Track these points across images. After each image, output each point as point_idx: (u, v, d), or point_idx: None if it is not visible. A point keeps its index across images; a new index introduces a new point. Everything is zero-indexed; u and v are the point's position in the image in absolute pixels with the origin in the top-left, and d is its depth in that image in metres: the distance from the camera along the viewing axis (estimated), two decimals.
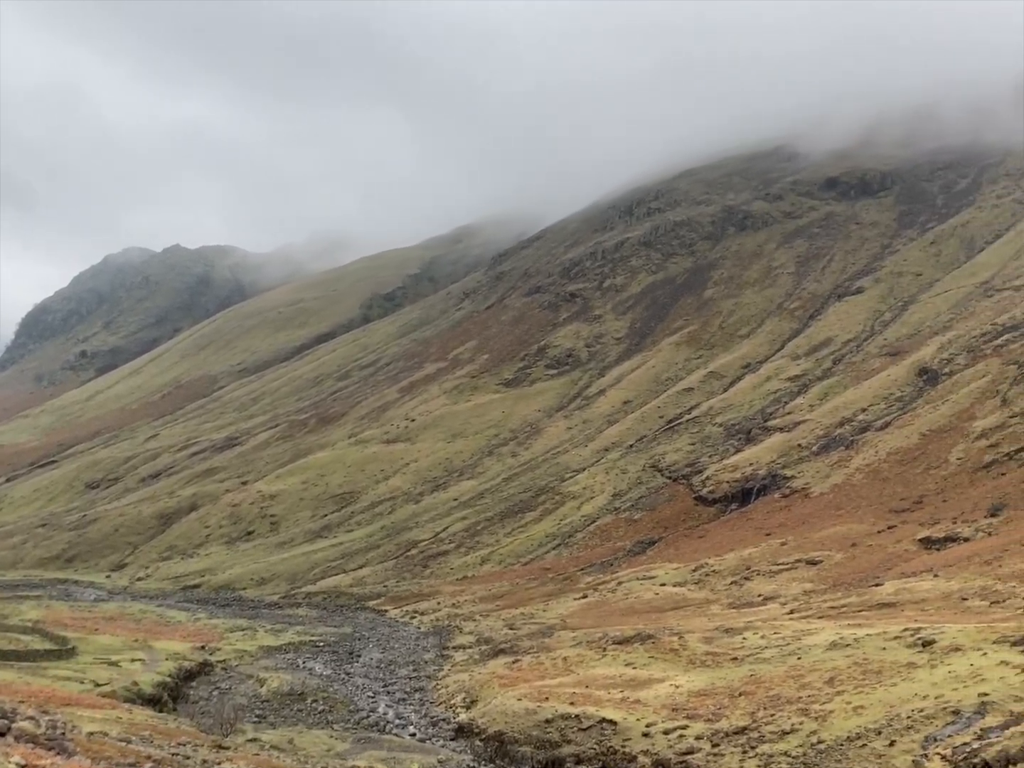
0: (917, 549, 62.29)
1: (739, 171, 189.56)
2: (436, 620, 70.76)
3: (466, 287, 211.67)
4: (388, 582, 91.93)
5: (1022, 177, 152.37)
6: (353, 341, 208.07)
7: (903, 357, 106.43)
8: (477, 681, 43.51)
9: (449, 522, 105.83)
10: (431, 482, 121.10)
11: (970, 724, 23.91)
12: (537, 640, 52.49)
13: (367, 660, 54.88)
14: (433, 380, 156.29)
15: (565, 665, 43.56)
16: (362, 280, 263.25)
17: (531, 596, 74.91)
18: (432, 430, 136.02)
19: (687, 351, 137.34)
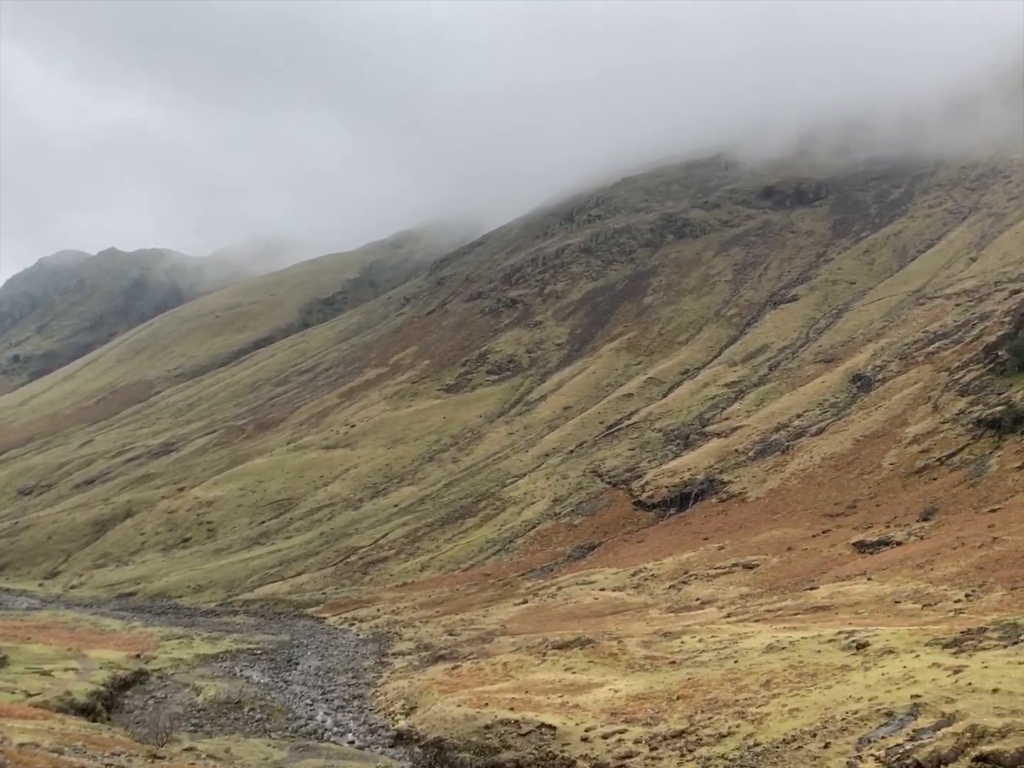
0: (851, 553, 63.25)
1: (678, 179, 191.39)
2: (375, 627, 70.40)
3: (407, 292, 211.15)
4: (327, 589, 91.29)
5: (953, 187, 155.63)
6: (292, 346, 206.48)
7: (837, 364, 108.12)
8: (416, 688, 43.37)
9: (389, 528, 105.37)
10: (371, 488, 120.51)
11: (903, 725, 24.33)
12: (477, 646, 52.45)
13: (305, 668, 54.44)
14: (373, 386, 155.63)
15: (505, 671, 43.59)
16: (302, 284, 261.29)
17: (471, 602, 74.83)
18: (372, 436, 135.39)
19: (627, 357, 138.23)
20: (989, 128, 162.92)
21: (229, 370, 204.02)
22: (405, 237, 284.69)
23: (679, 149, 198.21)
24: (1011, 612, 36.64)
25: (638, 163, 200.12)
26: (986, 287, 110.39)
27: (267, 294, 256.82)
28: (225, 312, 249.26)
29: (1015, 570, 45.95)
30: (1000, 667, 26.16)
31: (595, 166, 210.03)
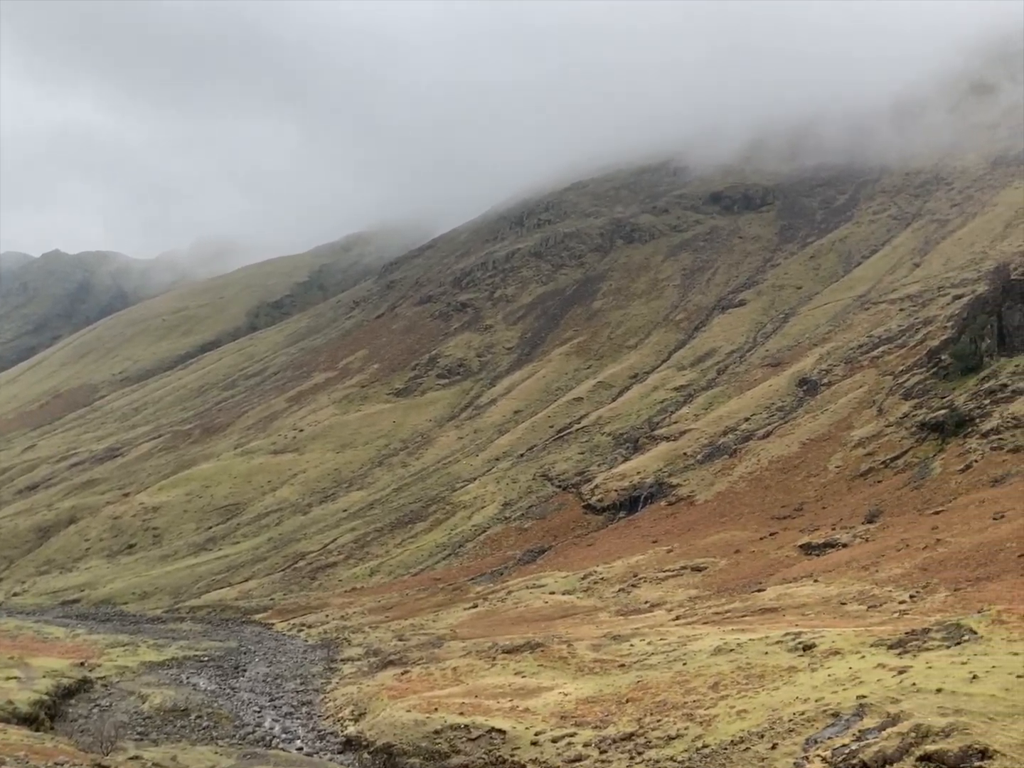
0: (798, 555, 63.87)
1: (627, 184, 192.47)
2: (324, 633, 69.91)
3: (356, 296, 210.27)
4: (275, 595, 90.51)
5: (897, 194, 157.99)
6: (239, 350, 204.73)
7: (784, 368, 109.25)
8: (365, 693, 43.10)
9: (338, 533, 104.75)
10: (320, 493, 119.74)
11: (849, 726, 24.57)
12: (427, 651, 52.26)
13: (253, 674, 53.90)
14: (322, 390, 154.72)
15: (455, 675, 43.46)
16: (249, 288, 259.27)
17: (421, 607, 74.57)
18: (321, 440, 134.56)
19: (577, 361, 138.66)
20: (933, 135, 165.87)
21: (175, 374, 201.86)
22: (355, 240, 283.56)
23: (629, 154, 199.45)
24: (954, 613, 37.19)
25: (588, 168, 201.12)
26: (929, 292, 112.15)
27: (214, 297, 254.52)
28: (171, 315, 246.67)
29: (958, 571, 46.67)
30: (944, 667, 26.53)
31: (545, 170, 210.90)
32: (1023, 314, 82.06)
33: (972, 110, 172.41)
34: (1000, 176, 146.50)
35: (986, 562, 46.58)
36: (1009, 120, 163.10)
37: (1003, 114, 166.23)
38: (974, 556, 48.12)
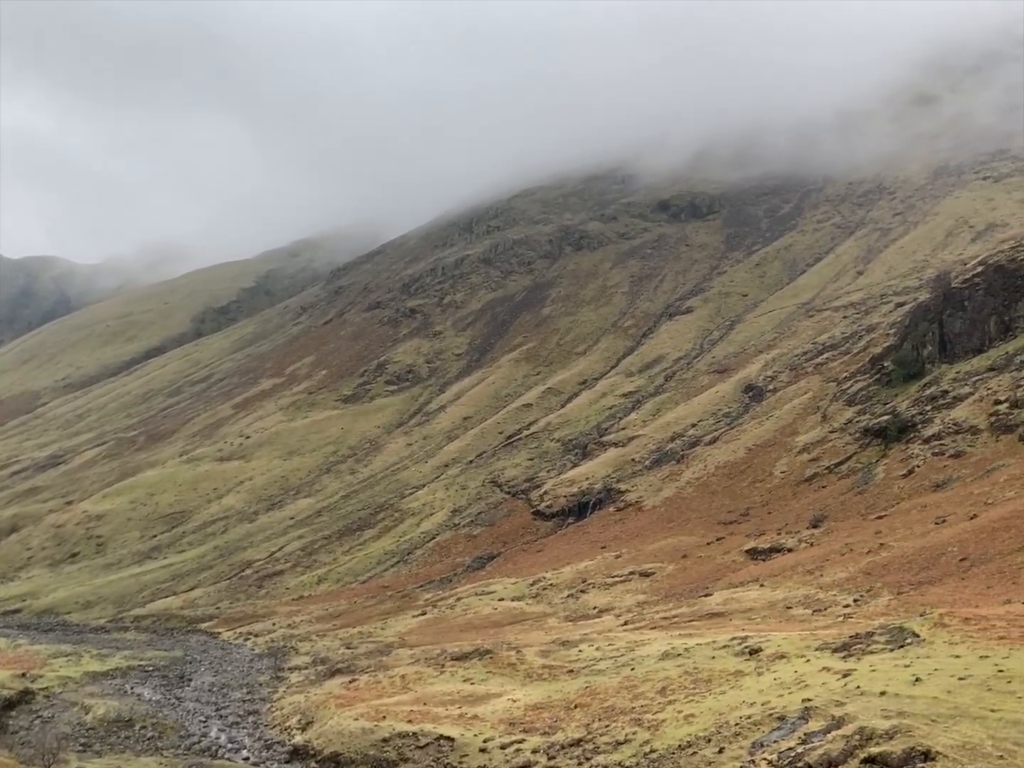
0: (744, 560, 64.46)
1: (576, 192, 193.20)
2: (271, 641, 69.31)
3: (304, 301, 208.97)
4: (221, 603, 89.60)
5: (841, 203, 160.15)
6: (185, 356, 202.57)
7: (730, 374, 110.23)
8: (313, 702, 42.80)
9: (285, 541, 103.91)
10: (266, 500, 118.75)
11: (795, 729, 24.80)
12: (375, 659, 52.02)
13: (199, 684, 53.29)
14: (269, 396, 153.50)
15: (403, 683, 43.30)
16: (195, 293, 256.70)
17: (369, 615, 74.21)
18: (268, 447, 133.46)
19: (526, 367, 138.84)
20: (877, 145, 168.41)
21: (120, 380, 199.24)
22: (303, 245, 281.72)
23: (578, 162, 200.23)
24: (897, 616, 37.73)
25: (537, 175, 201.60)
26: (872, 300, 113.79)
27: (159, 303, 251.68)
28: (116, 321, 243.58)
29: (900, 575, 47.37)
30: (887, 670, 26.89)
31: (495, 177, 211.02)
32: (964, 322, 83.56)
33: (915, 121, 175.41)
34: (941, 186, 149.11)
35: (928, 566, 47.33)
36: (951, 131, 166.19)
37: (945, 125, 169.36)
38: (916, 560, 48.88)
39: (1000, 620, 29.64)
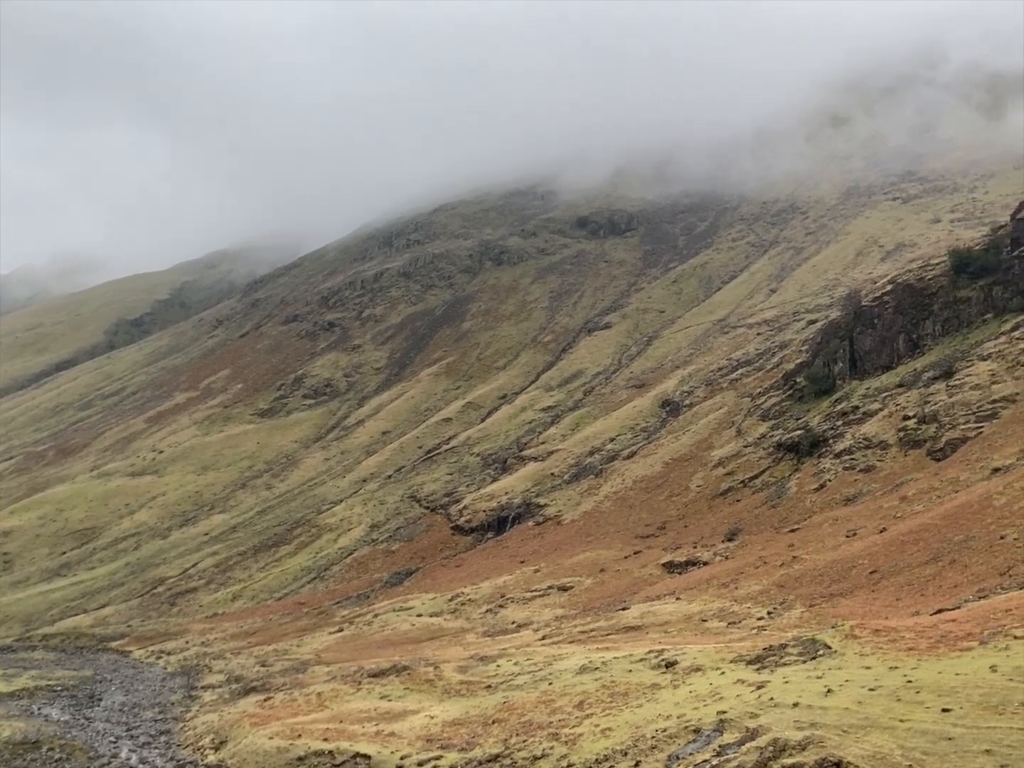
0: (661, 573, 65.01)
1: (496, 207, 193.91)
2: (184, 660, 68.00)
3: (220, 314, 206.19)
4: (133, 621, 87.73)
5: (755, 222, 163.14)
6: (97, 369, 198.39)
7: (648, 389, 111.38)
8: (227, 721, 42.04)
9: (199, 558, 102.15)
10: (180, 516, 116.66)
11: (710, 741, 24.99)
12: (290, 676, 51.34)
13: (109, 703, 52.02)
14: (183, 410, 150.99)
15: (319, 701, 42.76)
16: (108, 304, 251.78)
17: (285, 632, 73.24)
18: (182, 462, 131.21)
19: (446, 382, 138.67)
20: (791, 165, 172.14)
21: (29, 393, 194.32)
22: (220, 257, 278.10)
23: (498, 178, 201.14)
24: (810, 628, 38.34)
25: (458, 190, 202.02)
26: (785, 317, 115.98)
27: (71, 314, 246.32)
28: (25, 332, 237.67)
29: (813, 587, 48.18)
30: (800, 682, 27.27)
31: (415, 191, 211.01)
32: (873, 339, 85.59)
33: (828, 141, 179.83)
34: (852, 206, 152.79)
35: (839, 578, 48.20)
36: (862, 151, 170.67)
37: (858, 146, 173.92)
38: (828, 573, 49.75)
39: (909, 631, 30.28)
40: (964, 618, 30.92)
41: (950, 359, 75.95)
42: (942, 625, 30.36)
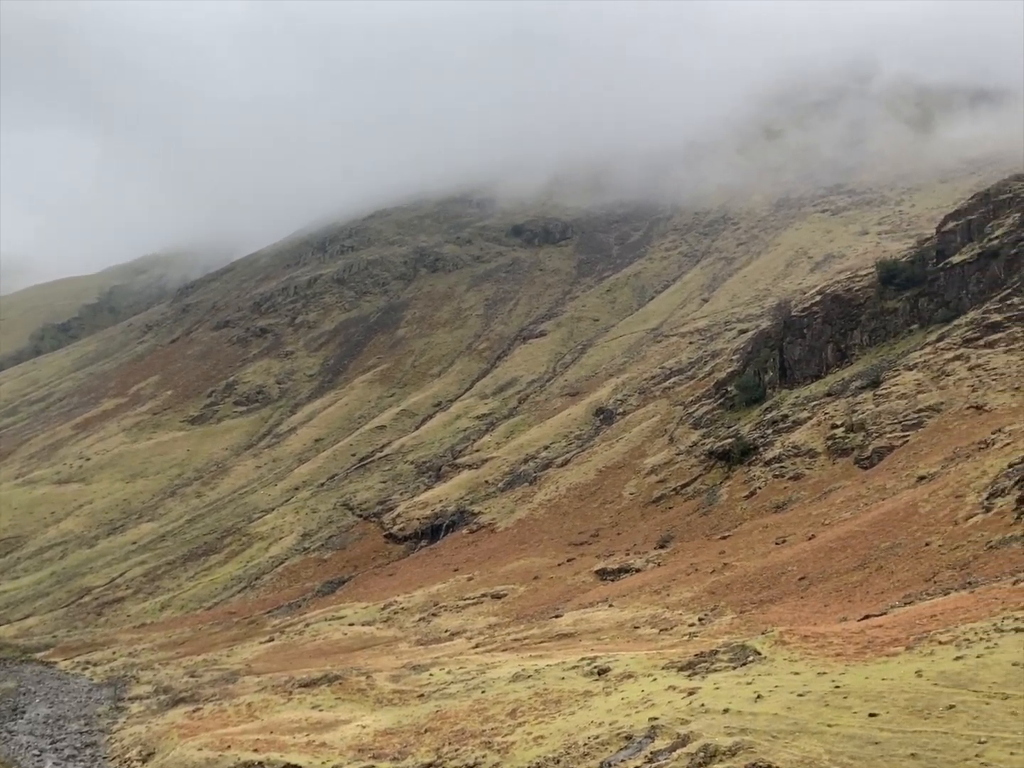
0: (594, 580, 65.31)
1: (431, 214, 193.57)
2: (111, 670, 66.79)
3: (150, 319, 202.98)
4: (58, 632, 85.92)
5: (688, 232, 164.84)
6: (22, 374, 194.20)
7: (582, 397, 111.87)
8: (154, 733, 41.39)
9: (127, 567, 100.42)
10: (107, 525, 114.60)
11: (641, 748, 25.11)
12: (220, 687, 50.72)
13: (33, 716, 50.91)
14: (112, 416, 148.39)
15: (249, 711, 42.28)
16: (33, 309, 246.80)
17: (215, 642, 72.30)
18: (109, 470, 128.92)
19: (380, 389, 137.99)
20: (724, 176, 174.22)
21: None
22: (150, 261, 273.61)
23: (434, 184, 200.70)
24: (740, 634, 38.76)
25: (393, 196, 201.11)
26: (717, 326, 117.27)
27: None
28: None
29: (743, 594, 48.74)
30: (730, 688, 27.53)
31: (349, 197, 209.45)
32: (802, 349, 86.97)
33: (761, 154, 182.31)
34: (782, 217, 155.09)
35: (769, 585, 48.83)
36: (794, 164, 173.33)
37: (789, 158, 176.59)
38: (758, 579, 50.38)
39: (837, 637, 30.73)
40: (890, 624, 31.48)
41: (877, 369, 77.42)
42: (869, 631, 30.87)
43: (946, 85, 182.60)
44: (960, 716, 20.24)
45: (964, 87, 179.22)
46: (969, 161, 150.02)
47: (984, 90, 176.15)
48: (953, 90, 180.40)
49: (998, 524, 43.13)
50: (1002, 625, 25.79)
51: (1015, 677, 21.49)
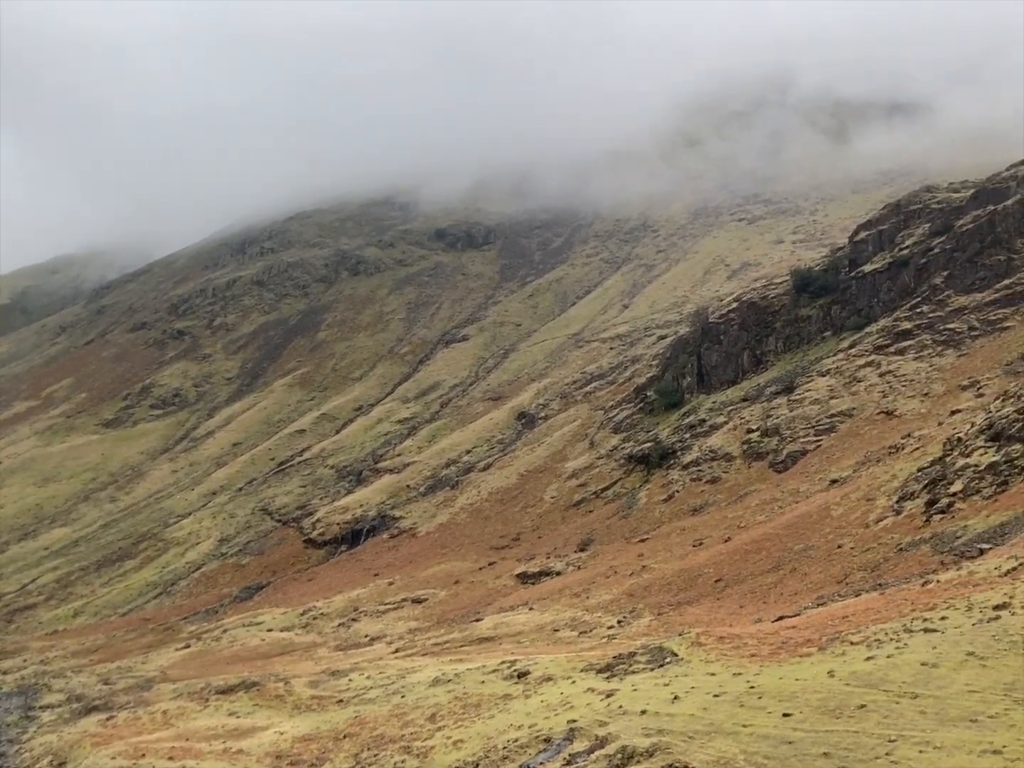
0: (515, 584, 65.57)
1: (353, 216, 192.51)
2: (21, 679, 65.18)
3: (63, 320, 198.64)
4: None
5: (609, 238, 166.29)
6: None
7: (504, 402, 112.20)
8: (66, 742, 40.55)
9: (38, 573, 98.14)
10: (18, 530, 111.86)
11: (560, 750, 25.27)
12: (135, 694, 49.91)
13: None
14: (23, 420, 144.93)
15: (164, 719, 41.65)
16: None
17: (129, 649, 71.05)
18: (21, 474, 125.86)
19: (300, 393, 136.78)
20: (644, 184, 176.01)
21: None
22: (65, 262, 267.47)
23: (356, 187, 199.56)
24: (658, 636, 39.22)
25: (314, 198, 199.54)
26: (637, 332, 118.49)
27: None
28: None
29: (661, 596, 49.36)
30: (648, 689, 27.84)
31: (270, 198, 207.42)
32: (720, 354, 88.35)
33: (681, 162, 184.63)
34: (701, 225, 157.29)
35: (687, 587, 49.52)
36: (712, 172, 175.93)
37: (709, 167, 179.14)
38: (676, 581, 51.06)
39: (752, 638, 31.25)
40: (804, 625, 32.11)
41: (791, 375, 78.97)
42: (783, 632, 31.46)
43: (862, 97, 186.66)
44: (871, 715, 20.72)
45: (880, 99, 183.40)
46: (882, 172, 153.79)
47: (899, 103, 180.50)
48: (869, 102, 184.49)
49: (908, 527, 44.29)
50: (911, 626, 26.47)
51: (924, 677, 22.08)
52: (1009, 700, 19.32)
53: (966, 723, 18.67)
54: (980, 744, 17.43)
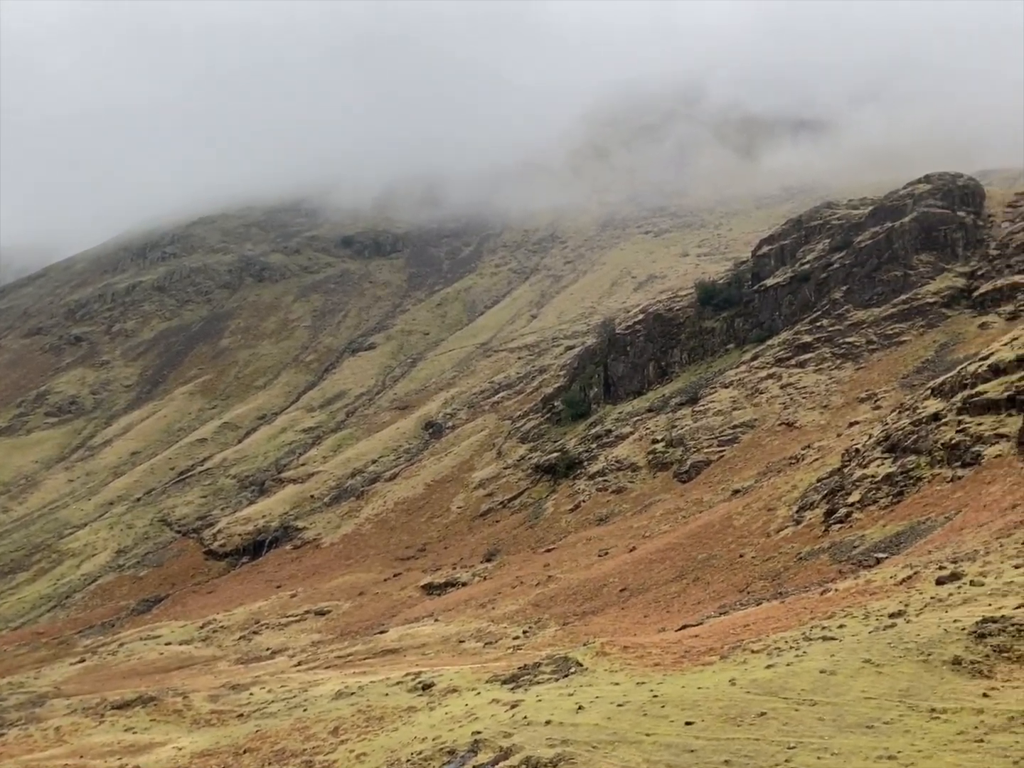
0: (420, 595, 65.20)
1: (258, 222, 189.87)
2: None
3: None
4: None
5: (517, 249, 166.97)
6: None
7: (411, 411, 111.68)
8: None
9: None
10: None
11: (464, 762, 25.12)
12: (26, 711, 48.32)
13: None
14: None
15: (57, 735, 40.37)
16: None
17: (21, 663, 68.84)
18: None
19: (201, 401, 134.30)
20: (553, 195, 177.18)
21: None
22: None
23: (262, 192, 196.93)
24: (563, 646, 39.32)
25: (219, 203, 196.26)
26: (545, 342, 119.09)
27: None
28: None
29: (566, 606, 49.53)
30: (553, 699, 27.84)
31: (172, 202, 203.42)
32: (626, 365, 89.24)
33: (590, 174, 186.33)
34: (608, 237, 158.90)
35: (592, 597, 49.79)
36: (620, 184, 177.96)
37: (617, 180, 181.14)
38: (581, 591, 51.30)
39: (655, 647, 31.50)
40: (706, 633, 32.49)
41: (695, 386, 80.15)
42: (686, 641, 31.78)
43: (771, 113, 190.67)
44: (771, 723, 21.00)
45: (787, 116, 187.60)
46: (785, 188, 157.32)
47: (806, 120, 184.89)
48: (777, 119, 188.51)
49: (807, 536, 45.19)
50: (810, 634, 26.94)
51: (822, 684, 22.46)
52: (904, 706, 19.75)
53: (863, 729, 19.03)
54: (876, 750, 17.78)
